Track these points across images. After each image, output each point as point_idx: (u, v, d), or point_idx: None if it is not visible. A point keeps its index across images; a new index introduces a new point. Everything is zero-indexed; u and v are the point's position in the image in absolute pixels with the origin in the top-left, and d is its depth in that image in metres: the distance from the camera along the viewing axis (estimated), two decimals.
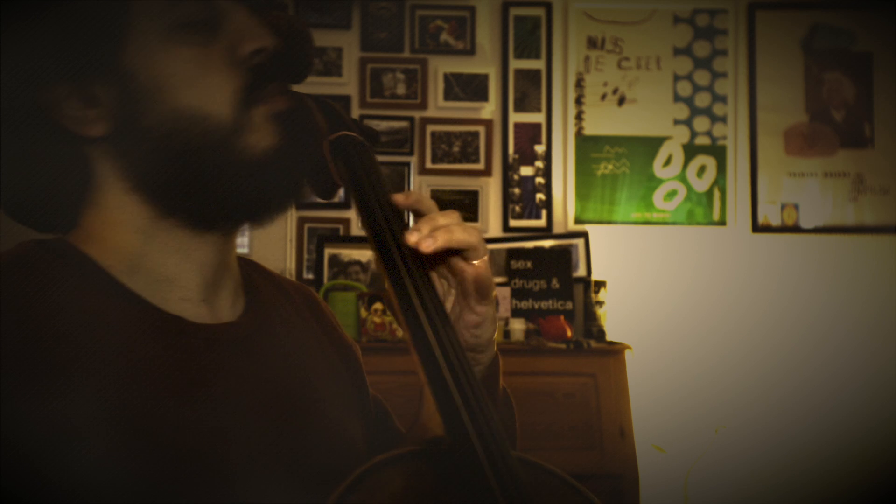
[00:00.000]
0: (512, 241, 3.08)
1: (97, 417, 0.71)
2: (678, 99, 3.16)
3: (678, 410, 2.96)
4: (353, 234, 3.09)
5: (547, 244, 3.06)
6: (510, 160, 3.14)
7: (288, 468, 0.81)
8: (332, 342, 0.98)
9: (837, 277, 3.09)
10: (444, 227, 0.79)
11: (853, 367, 3.02)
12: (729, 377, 2.99)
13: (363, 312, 2.76)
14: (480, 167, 3.14)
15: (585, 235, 3.07)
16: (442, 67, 3.15)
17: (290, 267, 3.07)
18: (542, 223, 3.13)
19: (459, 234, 0.79)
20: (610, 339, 2.85)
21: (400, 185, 3.10)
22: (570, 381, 2.66)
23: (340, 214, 3.08)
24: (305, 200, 1.96)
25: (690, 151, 3.15)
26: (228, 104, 0.77)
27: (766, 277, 3.08)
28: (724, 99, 3.17)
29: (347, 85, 3.12)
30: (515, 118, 3.15)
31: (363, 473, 0.69)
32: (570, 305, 2.96)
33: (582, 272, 3.03)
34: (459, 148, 3.14)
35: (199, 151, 0.77)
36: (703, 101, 3.16)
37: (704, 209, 3.14)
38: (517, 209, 3.14)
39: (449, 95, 3.15)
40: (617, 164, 3.14)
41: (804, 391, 3.01)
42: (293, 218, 3.07)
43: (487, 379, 0.88)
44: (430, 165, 3.12)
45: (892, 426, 2.98)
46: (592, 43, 3.17)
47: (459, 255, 0.82)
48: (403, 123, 3.12)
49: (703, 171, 3.15)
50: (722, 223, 3.14)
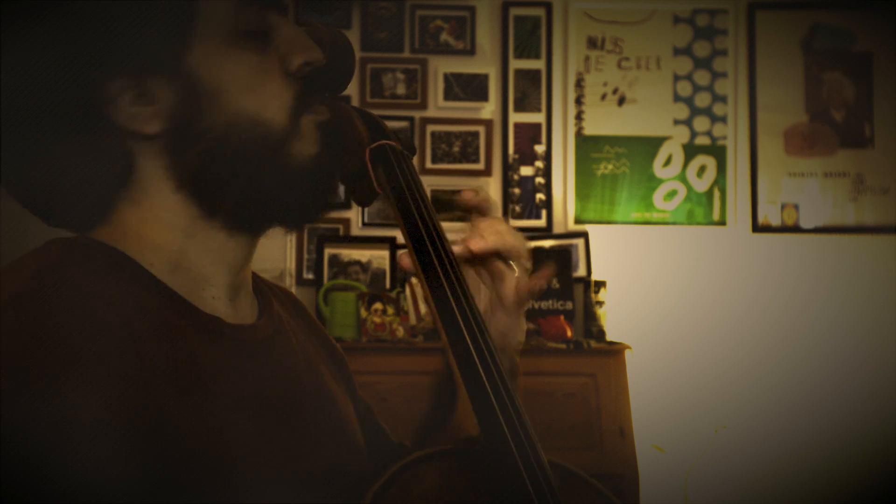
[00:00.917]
0: None
1: (135, 417, 0.69)
2: (678, 99, 3.16)
3: (678, 410, 2.96)
4: (353, 234, 3.09)
5: (547, 244, 3.06)
6: (510, 160, 3.14)
7: (309, 471, 0.81)
8: (322, 342, 0.99)
9: (837, 277, 3.08)
10: (496, 230, 0.82)
11: (853, 367, 3.02)
12: (729, 377, 2.99)
13: (363, 312, 2.77)
14: (480, 167, 3.14)
15: (585, 235, 3.07)
16: (442, 67, 3.15)
17: (290, 267, 3.07)
18: (542, 223, 3.13)
19: (510, 238, 0.83)
20: (610, 339, 2.85)
21: None
22: (570, 381, 2.66)
23: (340, 214, 3.08)
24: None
25: (690, 151, 3.15)
26: (283, 111, 0.79)
27: (766, 277, 3.08)
28: (724, 99, 3.16)
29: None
30: (515, 118, 3.15)
31: (401, 468, 0.72)
32: (570, 305, 2.96)
33: (582, 272, 3.03)
34: (459, 148, 3.14)
35: (252, 155, 0.78)
36: (703, 101, 3.16)
37: (704, 209, 3.14)
38: (517, 209, 3.13)
39: (449, 95, 3.15)
40: (617, 164, 3.14)
41: (804, 391, 3.01)
42: None
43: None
44: (430, 165, 3.12)
45: (892, 426, 2.97)
46: (592, 43, 3.17)
47: (503, 259, 0.85)
48: (403, 123, 3.12)
49: (703, 171, 3.15)
50: (722, 223, 3.13)
